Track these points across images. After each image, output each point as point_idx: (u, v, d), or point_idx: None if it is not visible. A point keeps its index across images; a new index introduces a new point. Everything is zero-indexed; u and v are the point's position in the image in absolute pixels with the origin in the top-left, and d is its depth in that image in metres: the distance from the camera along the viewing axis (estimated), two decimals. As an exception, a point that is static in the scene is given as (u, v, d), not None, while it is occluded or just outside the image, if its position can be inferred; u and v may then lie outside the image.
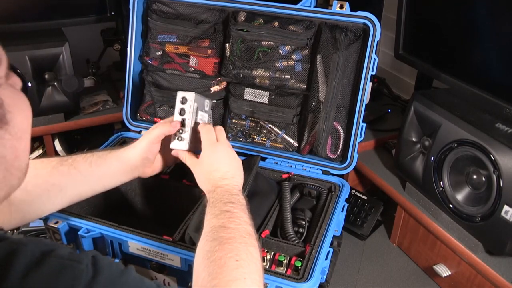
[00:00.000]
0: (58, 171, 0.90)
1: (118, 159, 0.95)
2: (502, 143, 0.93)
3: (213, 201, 0.82)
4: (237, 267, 0.68)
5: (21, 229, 1.21)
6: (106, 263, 0.56)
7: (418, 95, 1.14)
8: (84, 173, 0.92)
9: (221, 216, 0.78)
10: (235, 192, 0.85)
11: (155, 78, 1.30)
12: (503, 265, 0.99)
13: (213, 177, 0.88)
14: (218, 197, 0.83)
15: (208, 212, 0.81)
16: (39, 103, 1.36)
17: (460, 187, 1.04)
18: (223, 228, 0.75)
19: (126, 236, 0.96)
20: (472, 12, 1.08)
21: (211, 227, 0.76)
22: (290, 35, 1.15)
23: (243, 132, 1.28)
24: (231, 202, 0.81)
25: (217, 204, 0.81)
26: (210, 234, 0.75)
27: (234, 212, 0.79)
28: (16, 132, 0.53)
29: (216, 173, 0.88)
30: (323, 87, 1.18)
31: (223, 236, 0.73)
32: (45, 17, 1.42)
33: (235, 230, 0.75)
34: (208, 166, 0.89)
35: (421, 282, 1.17)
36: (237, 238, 0.73)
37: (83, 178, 0.92)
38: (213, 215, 0.79)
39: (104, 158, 0.94)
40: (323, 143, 1.19)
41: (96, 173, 0.93)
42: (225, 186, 0.86)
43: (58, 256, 0.53)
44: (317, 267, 0.90)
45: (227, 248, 0.71)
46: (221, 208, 0.79)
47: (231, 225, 0.76)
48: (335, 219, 1.04)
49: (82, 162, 0.92)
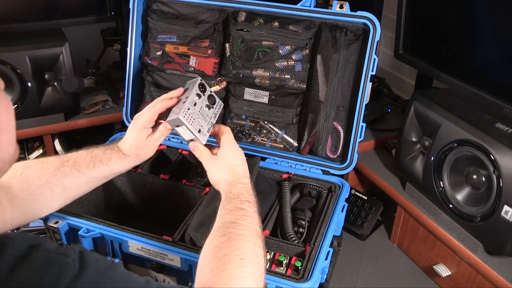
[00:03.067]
0: (60, 172, 0.89)
1: (122, 164, 0.94)
2: (502, 143, 0.93)
3: (231, 196, 0.82)
4: (240, 265, 0.68)
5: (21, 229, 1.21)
6: (93, 258, 0.56)
7: (418, 95, 1.14)
8: (87, 175, 0.92)
9: (234, 212, 0.78)
10: (252, 193, 0.85)
11: (155, 78, 1.30)
12: (503, 265, 0.99)
13: (236, 171, 0.88)
14: (237, 193, 0.82)
15: (222, 206, 0.81)
16: (39, 103, 1.36)
17: (460, 187, 1.04)
18: (235, 224, 0.75)
19: (126, 236, 0.96)
20: (472, 11, 1.08)
21: (223, 223, 0.76)
22: (290, 35, 1.15)
23: (243, 132, 1.28)
24: (248, 201, 0.81)
25: (234, 200, 0.81)
26: (220, 229, 0.75)
27: (249, 211, 0.79)
28: None
29: (239, 168, 0.88)
30: (323, 87, 1.18)
31: (233, 232, 0.73)
32: (45, 17, 1.42)
33: (246, 228, 0.75)
34: (231, 160, 0.89)
35: (421, 282, 1.17)
36: (246, 236, 0.73)
37: (86, 179, 0.92)
38: (227, 211, 0.79)
39: (106, 164, 0.93)
40: (323, 143, 1.19)
41: (99, 176, 0.94)
42: (246, 184, 0.86)
43: (45, 250, 0.54)
44: (317, 267, 0.90)
45: (234, 245, 0.71)
46: (236, 205, 0.79)
47: (243, 222, 0.76)
48: (335, 219, 1.04)
49: (85, 165, 0.91)
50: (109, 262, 0.59)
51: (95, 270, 0.55)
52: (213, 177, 0.90)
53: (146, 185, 1.18)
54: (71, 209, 1.02)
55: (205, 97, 0.96)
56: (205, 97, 0.96)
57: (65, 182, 0.90)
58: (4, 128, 0.55)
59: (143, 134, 0.93)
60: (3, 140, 0.55)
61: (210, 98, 0.96)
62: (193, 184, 1.15)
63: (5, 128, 0.55)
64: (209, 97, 0.96)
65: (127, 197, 1.20)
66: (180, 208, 1.11)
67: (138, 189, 1.19)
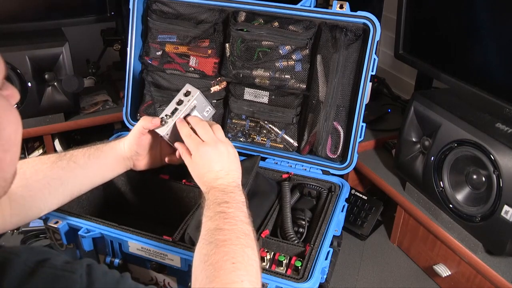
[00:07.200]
0: (57, 165, 0.91)
1: (111, 149, 0.99)
2: (502, 143, 0.93)
3: (208, 203, 0.82)
4: (234, 269, 0.68)
5: (21, 229, 1.22)
6: (101, 273, 0.56)
7: (418, 95, 1.14)
8: (83, 166, 0.93)
9: (215, 218, 0.77)
10: (230, 189, 0.84)
11: (155, 78, 1.30)
12: (503, 265, 0.99)
13: (207, 179, 0.87)
14: (212, 199, 0.82)
15: (204, 214, 0.81)
16: (39, 103, 1.36)
17: (460, 187, 1.04)
18: (219, 230, 0.75)
19: (126, 236, 0.96)
20: (472, 11, 1.08)
21: (207, 230, 0.76)
22: (290, 35, 1.15)
23: (243, 132, 1.28)
24: (225, 202, 0.81)
25: (211, 206, 0.81)
26: (206, 237, 0.75)
27: (229, 212, 0.78)
28: (3, 144, 0.53)
29: (209, 174, 0.88)
30: (323, 87, 1.18)
31: (219, 238, 0.73)
32: (45, 17, 1.41)
33: (230, 231, 0.75)
34: (201, 167, 0.89)
35: (421, 282, 1.17)
36: (233, 240, 0.73)
37: (83, 171, 0.94)
38: (208, 218, 0.78)
39: (101, 150, 0.97)
40: (323, 143, 1.19)
41: (95, 165, 0.96)
42: (219, 186, 0.85)
43: (51, 266, 0.53)
44: (317, 267, 0.90)
45: (222, 251, 0.71)
46: (215, 210, 0.79)
47: (226, 227, 0.75)
48: (335, 219, 1.04)
49: (81, 155, 0.94)
50: (117, 275, 0.58)
51: (103, 285, 0.54)
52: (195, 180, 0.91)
53: (146, 185, 1.17)
54: (71, 209, 1.02)
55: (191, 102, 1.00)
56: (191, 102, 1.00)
57: (62, 175, 0.90)
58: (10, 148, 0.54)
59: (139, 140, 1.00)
60: (7, 159, 0.54)
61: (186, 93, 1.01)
62: (193, 184, 1.15)
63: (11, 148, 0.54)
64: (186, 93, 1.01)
65: (127, 197, 1.20)
66: (180, 208, 1.11)
67: (138, 189, 1.19)
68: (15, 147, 0.55)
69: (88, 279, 0.54)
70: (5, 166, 0.54)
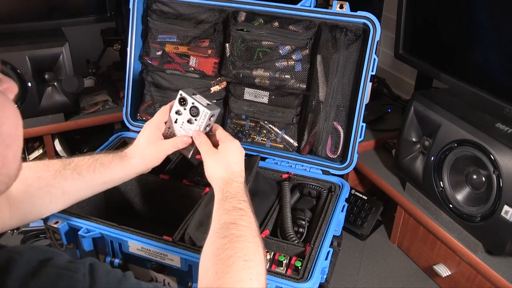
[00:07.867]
0: (61, 175, 0.89)
1: (122, 168, 0.94)
2: (502, 143, 0.93)
3: (227, 195, 0.81)
4: (244, 267, 0.68)
5: (21, 229, 1.22)
6: (104, 272, 0.56)
7: (418, 95, 1.14)
8: (87, 179, 0.91)
9: (233, 212, 0.77)
10: (247, 193, 0.85)
11: (155, 78, 1.30)
12: (503, 265, 0.99)
13: (232, 169, 0.87)
14: (233, 192, 0.82)
15: (219, 206, 0.80)
16: (39, 103, 1.36)
17: (460, 187, 1.04)
18: (235, 225, 0.75)
19: (126, 236, 0.96)
20: (472, 12, 1.08)
21: (222, 224, 0.76)
22: (290, 35, 1.15)
23: (243, 132, 1.28)
24: (245, 201, 0.81)
25: (231, 199, 0.80)
26: (221, 231, 0.74)
27: (247, 211, 0.79)
28: (4, 139, 0.53)
29: (237, 167, 0.88)
30: (323, 87, 1.18)
31: (234, 233, 0.73)
32: (45, 17, 1.41)
33: (247, 228, 0.75)
34: (230, 156, 0.88)
35: (421, 282, 1.17)
36: (248, 237, 0.73)
37: (86, 183, 0.92)
38: (225, 211, 0.78)
39: (107, 166, 0.92)
40: (323, 143, 1.19)
41: (99, 180, 0.93)
42: (241, 184, 0.85)
43: (54, 266, 0.53)
44: (317, 267, 0.90)
45: (237, 246, 0.71)
46: (234, 205, 0.79)
47: (243, 223, 0.75)
48: (335, 219, 1.04)
49: (86, 168, 0.91)
50: (120, 274, 0.58)
51: (105, 284, 0.54)
52: (209, 171, 0.89)
53: (146, 185, 1.18)
54: (71, 209, 1.02)
55: (187, 111, 0.94)
56: (187, 111, 0.94)
57: (65, 186, 0.89)
58: (12, 144, 0.54)
59: (156, 134, 0.94)
60: (10, 155, 0.54)
61: (192, 110, 0.94)
62: (193, 184, 1.15)
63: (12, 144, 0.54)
64: (191, 109, 0.94)
65: (127, 197, 1.20)
66: (180, 208, 1.11)
67: (138, 189, 1.19)
68: (16, 141, 0.55)
69: (91, 278, 0.54)
70: (8, 162, 0.54)
